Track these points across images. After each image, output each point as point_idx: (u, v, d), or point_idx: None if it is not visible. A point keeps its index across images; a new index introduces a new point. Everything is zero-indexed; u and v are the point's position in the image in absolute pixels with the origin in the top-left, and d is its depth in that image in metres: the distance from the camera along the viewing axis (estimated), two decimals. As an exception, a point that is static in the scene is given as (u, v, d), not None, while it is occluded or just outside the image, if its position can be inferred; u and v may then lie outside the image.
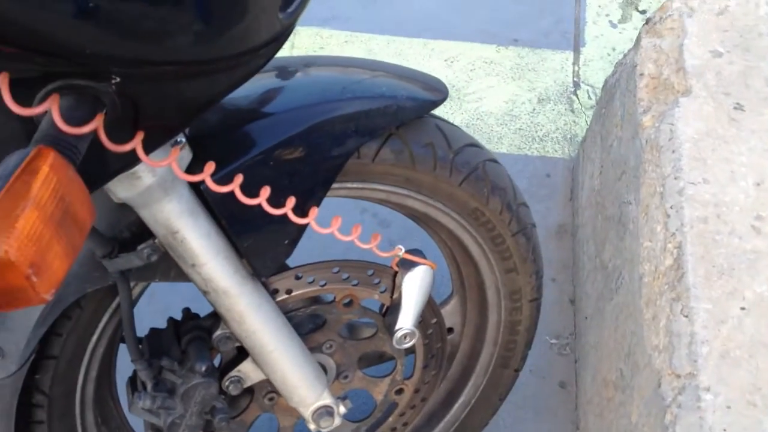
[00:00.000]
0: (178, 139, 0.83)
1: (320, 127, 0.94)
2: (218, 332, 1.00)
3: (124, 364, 1.11)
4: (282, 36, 0.67)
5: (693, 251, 1.25)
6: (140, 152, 0.62)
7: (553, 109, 2.38)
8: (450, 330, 1.37)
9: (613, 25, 2.61)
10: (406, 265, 1.12)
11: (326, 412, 1.11)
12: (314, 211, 0.88)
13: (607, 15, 2.63)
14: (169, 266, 0.92)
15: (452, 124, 1.16)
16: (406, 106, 1.03)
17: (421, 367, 1.26)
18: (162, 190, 0.81)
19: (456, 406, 1.41)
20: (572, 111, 2.39)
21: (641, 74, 1.77)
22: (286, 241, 0.95)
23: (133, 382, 1.01)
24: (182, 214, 0.84)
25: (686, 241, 1.27)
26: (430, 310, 1.21)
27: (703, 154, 1.43)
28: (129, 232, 0.88)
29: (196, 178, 0.76)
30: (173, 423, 0.98)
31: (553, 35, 2.58)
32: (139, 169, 0.77)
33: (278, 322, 1.00)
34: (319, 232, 0.88)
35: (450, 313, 1.36)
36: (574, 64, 2.52)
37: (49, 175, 0.48)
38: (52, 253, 0.48)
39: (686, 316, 1.16)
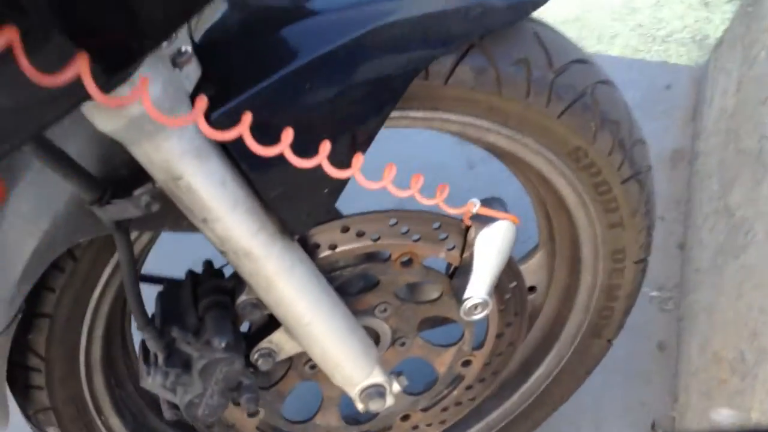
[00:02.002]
0: (182, 49, 0.64)
1: (373, 37, 0.73)
2: (243, 297, 0.84)
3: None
4: None
5: None
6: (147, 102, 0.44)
7: (682, 1, 2.03)
8: (532, 289, 1.17)
9: None
10: (482, 218, 0.92)
11: (376, 392, 0.95)
12: (359, 160, 0.68)
13: None
14: (179, 214, 0.75)
15: (556, 32, 0.92)
16: (495, 8, 0.80)
17: (495, 336, 1.08)
18: (155, 123, 0.62)
19: (534, 377, 1.23)
20: (705, 5, 2.03)
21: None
22: (326, 190, 0.76)
23: (145, 349, 0.87)
24: (185, 155, 0.66)
25: None
26: (509, 272, 1.02)
27: None
28: (126, 170, 0.71)
29: (177, 122, 0.57)
30: (191, 403, 0.85)
31: None
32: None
33: (316, 289, 0.83)
34: (367, 187, 0.69)
35: (534, 270, 1.16)
36: (709, -58, 2.13)
37: None
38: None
39: None
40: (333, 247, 0.89)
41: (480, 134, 0.89)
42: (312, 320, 0.84)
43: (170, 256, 1.10)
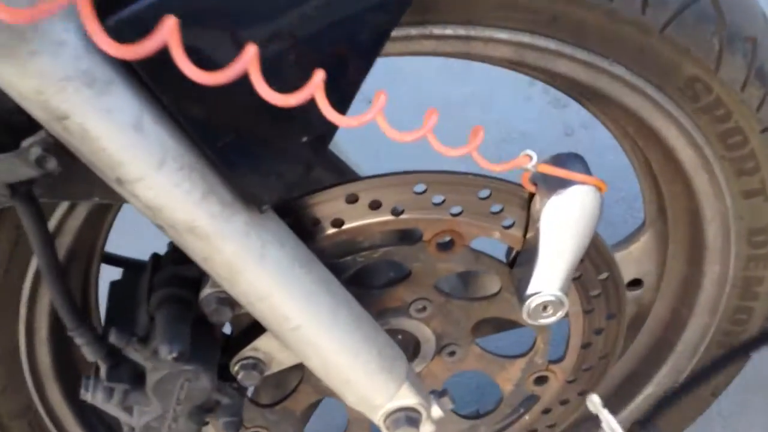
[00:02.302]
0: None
1: None
2: (207, 290, 0.63)
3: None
4: None
5: None
6: None
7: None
8: (636, 283, 0.91)
9: None
10: (551, 183, 0.66)
11: (406, 417, 0.72)
12: (318, 76, 0.45)
13: None
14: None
15: None
16: None
17: (579, 347, 0.82)
18: (7, 30, 0.42)
19: (641, 398, 0.97)
20: None
21: None
22: (305, 139, 0.54)
23: None
24: (69, 83, 0.46)
25: None
26: (597, 259, 0.76)
27: None
28: (22, 116, 0.52)
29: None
30: (149, 427, 0.65)
31: None
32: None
33: (306, 280, 0.61)
34: (341, 123, 0.46)
35: (638, 258, 0.91)
36: None
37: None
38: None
39: None
40: (338, 223, 0.67)
41: (544, 61, 0.65)
42: (303, 323, 0.62)
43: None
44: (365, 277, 0.74)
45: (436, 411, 0.75)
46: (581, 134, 1.40)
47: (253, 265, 0.58)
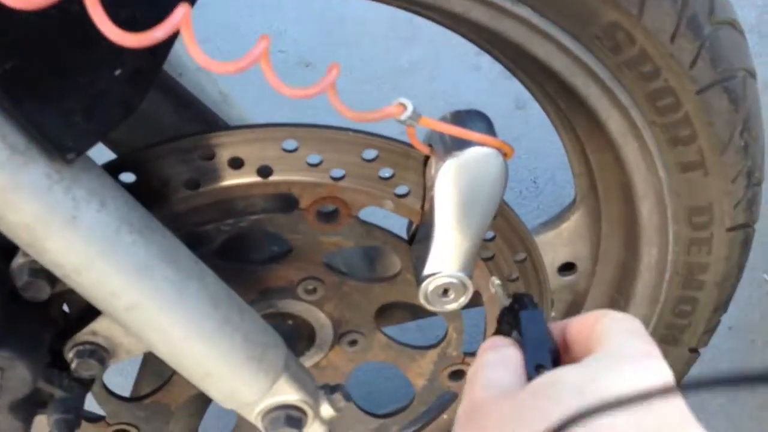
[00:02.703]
0: None
1: None
2: (19, 260, 0.53)
3: None
4: None
5: None
6: None
7: None
8: (570, 267, 0.82)
9: None
10: (448, 145, 0.57)
11: (286, 417, 0.63)
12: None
13: None
14: None
15: None
16: None
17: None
18: None
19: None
20: None
21: None
22: (118, 71, 0.45)
23: None
24: None
25: None
26: (511, 237, 0.67)
27: None
28: None
29: None
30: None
31: None
32: None
33: (140, 248, 0.52)
34: (128, 43, 0.36)
35: (569, 239, 0.82)
36: None
37: None
38: None
39: None
40: (192, 184, 0.57)
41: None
42: (137, 301, 0.52)
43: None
44: (243, 251, 0.64)
45: (327, 410, 0.66)
46: (533, 107, 1.31)
47: (61, 227, 0.48)
